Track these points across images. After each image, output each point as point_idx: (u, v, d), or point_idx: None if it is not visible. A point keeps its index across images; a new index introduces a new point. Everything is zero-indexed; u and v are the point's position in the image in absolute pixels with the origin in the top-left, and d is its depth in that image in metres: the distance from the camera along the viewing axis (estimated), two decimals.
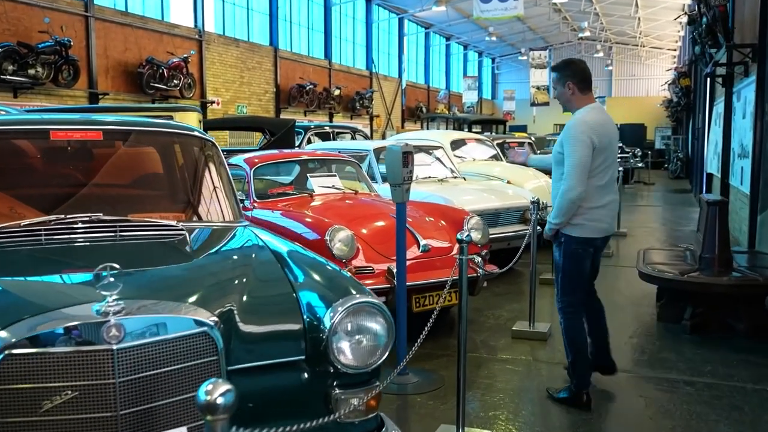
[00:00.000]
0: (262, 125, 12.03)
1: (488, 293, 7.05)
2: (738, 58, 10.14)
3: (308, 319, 2.36)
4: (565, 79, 4.01)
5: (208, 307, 2.22)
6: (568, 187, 3.82)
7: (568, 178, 3.82)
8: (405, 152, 4.37)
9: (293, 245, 3.14)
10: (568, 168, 3.83)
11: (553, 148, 4.11)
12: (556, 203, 3.94)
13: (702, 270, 5.74)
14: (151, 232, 2.87)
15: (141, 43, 17.66)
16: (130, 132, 3.50)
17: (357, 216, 5.84)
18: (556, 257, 4.10)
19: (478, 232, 5.98)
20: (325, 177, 6.71)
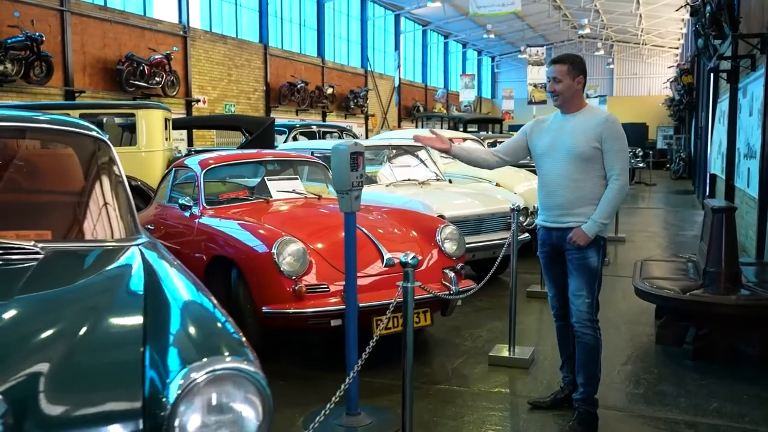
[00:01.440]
0: (238, 124, 11.35)
1: (468, 308, 6.36)
2: (744, 51, 9.43)
3: (151, 389, 1.67)
4: (577, 73, 3.74)
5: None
6: (624, 183, 3.66)
7: (623, 175, 3.66)
8: (354, 153, 3.68)
9: (190, 279, 2.43)
10: (621, 164, 3.65)
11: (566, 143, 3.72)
12: (609, 201, 3.66)
13: (706, 286, 5.04)
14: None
15: (121, 39, 16.98)
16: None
17: (314, 226, 5.15)
18: (593, 264, 3.72)
19: (452, 243, 5.29)
20: (285, 180, 6.02)
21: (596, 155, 3.65)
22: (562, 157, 3.73)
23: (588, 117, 3.73)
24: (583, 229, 3.67)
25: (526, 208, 7.62)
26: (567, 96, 3.74)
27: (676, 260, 6.18)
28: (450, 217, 6.80)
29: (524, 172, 9.94)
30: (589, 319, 3.73)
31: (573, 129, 3.71)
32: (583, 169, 3.67)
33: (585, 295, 3.72)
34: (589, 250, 3.70)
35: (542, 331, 5.72)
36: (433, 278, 4.98)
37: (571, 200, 3.71)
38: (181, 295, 2.22)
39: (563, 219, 3.76)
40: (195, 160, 6.19)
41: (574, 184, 3.69)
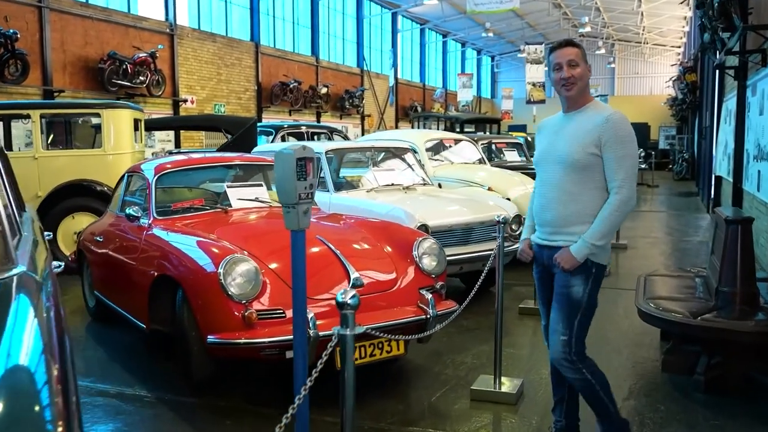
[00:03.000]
0: (217, 124, 10.76)
1: (452, 328, 5.72)
2: (754, 45, 8.81)
3: None
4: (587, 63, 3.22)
5: None
6: (627, 197, 3.06)
7: (627, 187, 3.05)
8: (301, 159, 3.06)
9: (45, 335, 1.80)
10: (625, 173, 3.05)
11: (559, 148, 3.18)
12: (604, 220, 3.08)
13: (719, 309, 4.43)
14: None
15: (103, 37, 16.38)
16: None
17: (275, 241, 4.53)
18: (576, 294, 3.14)
19: (431, 259, 4.68)
20: (248, 188, 5.41)
21: (594, 163, 3.10)
22: (555, 165, 3.19)
23: (587, 117, 3.16)
24: (571, 250, 3.11)
25: (519, 216, 7.00)
26: (582, 85, 3.17)
27: (683, 275, 5.56)
28: (434, 226, 6.21)
29: (519, 175, 9.33)
30: (566, 359, 3.16)
31: (569, 132, 3.18)
32: (579, 180, 3.13)
33: (561, 330, 3.16)
34: (574, 277, 3.14)
35: (534, 357, 5.10)
36: (409, 300, 4.38)
37: (564, 216, 3.16)
38: (16, 353, 1.61)
39: (554, 237, 3.23)
40: (150, 164, 5.59)
41: (568, 197, 3.15)
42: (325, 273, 4.29)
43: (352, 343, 2.11)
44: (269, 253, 4.29)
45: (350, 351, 2.10)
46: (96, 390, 4.44)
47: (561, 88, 3.18)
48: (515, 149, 11.90)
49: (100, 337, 5.72)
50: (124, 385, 4.52)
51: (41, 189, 8.22)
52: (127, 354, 5.22)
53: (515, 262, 7.31)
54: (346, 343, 2.09)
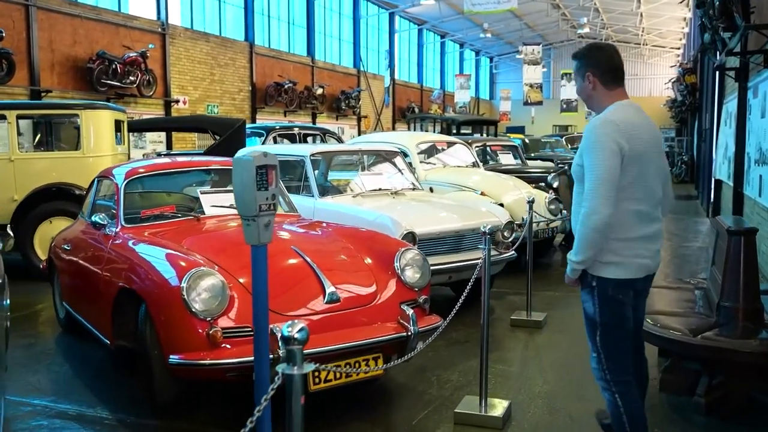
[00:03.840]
0: (204, 125, 10.46)
1: (441, 342, 5.44)
2: (755, 46, 8.54)
3: None
4: (585, 68, 3.09)
5: None
6: (591, 209, 2.89)
7: (590, 198, 2.89)
8: (262, 166, 2.78)
9: None
10: (589, 184, 2.90)
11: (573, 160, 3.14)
12: (577, 234, 2.97)
13: (721, 326, 4.14)
14: None
15: (93, 36, 16.09)
16: None
17: (246, 251, 4.22)
18: (588, 310, 3.05)
19: (414, 271, 4.40)
20: (223, 194, 5.11)
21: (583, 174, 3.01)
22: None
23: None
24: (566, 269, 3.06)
25: (511, 222, 6.71)
26: (583, 99, 3.19)
27: (682, 287, 5.27)
28: (422, 233, 5.93)
29: (513, 179, 9.06)
30: (599, 377, 3.08)
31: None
32: (579, 191, 3.06)
33: (592, 348, 3.09)
34: (583, 293, 3.08)
35: (525, 374, 4.81)
36: (389, 315, 4.10)
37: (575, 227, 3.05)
38: None
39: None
40: (122, 168, 5.30)
41: (576, 208, 3.07)
42: (299, 287, 4.01)
43: (300, 384, 1.82)
44: (240, 266, 4.00)
45: (297, 393, 1.81)
46: (55, 411, 4.15)
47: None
48: (510, 152, 11.60)
49: (68, 351, 5.43)
50: (85, 405, 4.23)
51: (17, 192, 7.94)
52: (93, 370, 4.93)
53: (510, 270, 7.08)
54: (293, 384, 1.80)
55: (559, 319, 6.22)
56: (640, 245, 2.99)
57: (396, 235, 5.75)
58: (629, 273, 2.98)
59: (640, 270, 3.01)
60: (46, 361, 5.14)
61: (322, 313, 3.90)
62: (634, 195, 2.96)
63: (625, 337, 3.04)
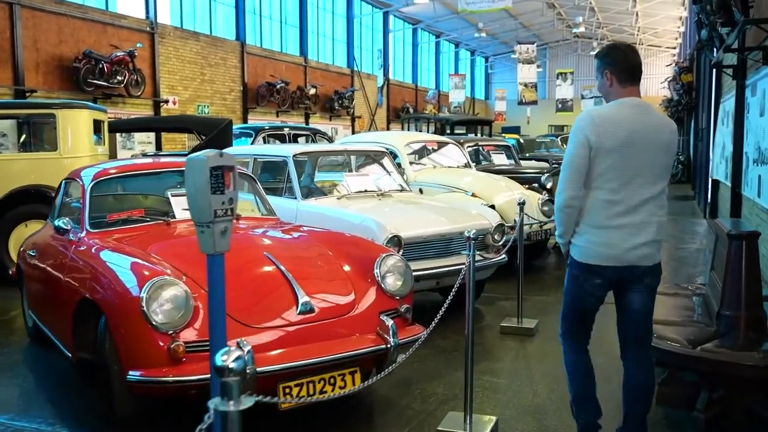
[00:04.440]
0: (189, 125, 10.18)
1: (427, 349, 5.19)
2: (754, 42, 8.31)
3: None
4: (604, 67, 3.31)
5: None
6: (558, 190, 3.28)
7: (559, 181, 3.27)
8: (217, 168, 2.52)
9: None
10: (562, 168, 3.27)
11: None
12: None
13: (722, 336, 3.89)
14: None
15: (79, 35, 15.80)
16: None
17: None
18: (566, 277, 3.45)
19: (396, 278, 4.14)
20: None
21: None
22: None
23: None
24: None
25: (502, 225, 6.45)
26: (603, 95, 3.42)
27: (680, 293, 5.02)
28: (408, 237, 5.67)
29: (506, 180, 8.80)
30: (559, 332, 3.56)
31: None
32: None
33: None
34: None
35: (514, 387, 4.55)
36: (367, 326, 3.84)
37: None
38: None
39: None
40: (91, 170, 5.03)
41: None
42: (271, 297, 3.75)
43: (237, 421, 1.55)
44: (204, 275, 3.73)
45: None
46: (11, 429, 3.88)
47: None
48: (503, 152, 11.34)
49: (33, 362, 5.16)
50: (44, 422, 3.96)
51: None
52: (56, 384, 4.65)
53: (502, 273, 6.81)
54: (228, 422, 1.54)
55: (552, 325, 5.94)
56: (608, 234, 3.17)
57: (380, 239, 5.50)
58: (590, 258, 3.22)
59: (603, 258, 3.19)
60: (8, 373, 4.87)
61: (294, 325, 3.64)
62: (606, 185, 3.15)
63: (576, 312, 3.40)
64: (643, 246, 3.19)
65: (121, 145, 16.81)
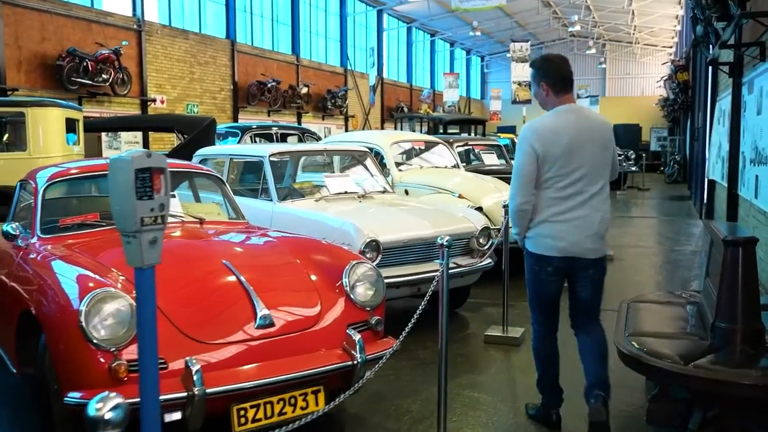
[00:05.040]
0: (170, 124, 9.88)
1: (404, 361, 4.91)
2: (751, 38, 8.03)
3: None
4: (540, 78, 3.63)
5: None
6: (510, 196, 3.65)
7: (510, 188, 3.63)
8: (144, 169, 2.22)
9: None
10: (513, 175, 3.61)
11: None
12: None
13: (717, 351, 3.60)
14: None
15: (63, 32, 15.47)
16: None
17: (171, 267, 3.68)
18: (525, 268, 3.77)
19: (366, 288, 3.85)
20: None
21: None
22: None
23: None
24: None
25: (488, 228, 6.15)
26: (539, 102, 3.68)
27: (673, 301, 4.73)
28: (387, 242, 5.38)
29: (495, 181, 8.50)
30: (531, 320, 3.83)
31: None
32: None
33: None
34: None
35: (496, 404, 4.25)
36: (333, 340, 3.54)
37: None
38: None
39: None
40: (47, 171, 4.73)
41: None
42: (228, 311, 3.45)
43: None
44: (161, 285, 3.41)
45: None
46: None
47: None
48: (494, 152, 11.05)
49: None
50: None
51: None
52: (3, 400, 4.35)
53: (490, 277, 6.47)
54: None
55: None
56: (556, 228, 3.50)
57: (358, 244, 5.22)
58: (541, 249, 3.55)
59: (552, 249, 3.52)
60: None
61: (252, 341, 3.34)
62: (554, 185, 3.50)
63: (538, 302, 3.70)
64: (587, 239, 3.53)
65: (107, 144, 16.49)
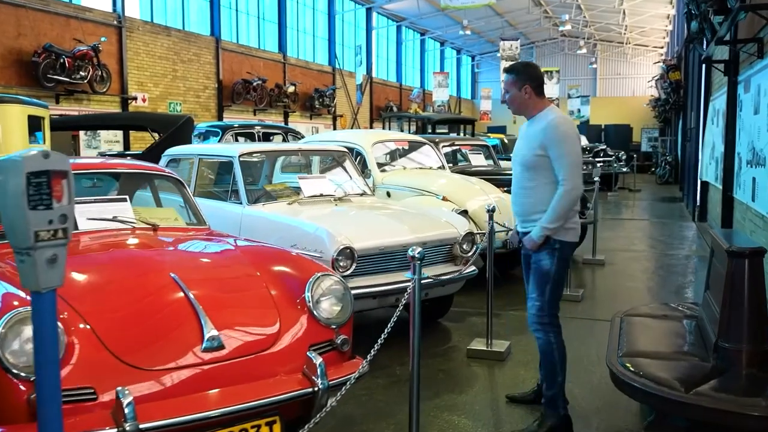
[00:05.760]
0: (142, 123, 9.45)
1: (381, 381, 4.53)
2: (748, 34, 7.70)
3: None
4: (523, 82, 3.77)
5: None
6: (573, 186, 3.63)
7: (571, 178, 3.62)
8: (39, 173, 1.83)
9: None
10: (568, 167, 3.62)
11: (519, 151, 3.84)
12: (553, 208, 3.64)
13: (720, 375, 3.24)
14: None
15: (40, 27, 15.01)
16: None
17: (110, 282, 3.30)
18: (545, 267, 3.73)
19: (332, 303, 3.46)
20: (106, 203, 4.15)
21: (542, 163, 3.66)
22: (516, 166, 3.84)
23: (536, 124, 3.74)
24: (531, 235, 3.70)
25: (471, 233, 5.77)
26: (515, 105, 3.81)
27: (669, 315, 4.37)
28: (362, 249, 5.00)
29: (481, 183, 8.12)
30: (538, 321, 3.75)
31: (525, 137, 3.81)
32: (532, 177, 3.72)
33: (535, 297, 3.76)
34: (540, 253, 3.72)
35: (478, 428, 3.88)
36: (292, 364, 3.15)
37: (526, 207, 3.79)
38: None
39: (523, 224, 3.85)
40: None
41: (526, 192, 3.78)
42: (172, 332, 3.05)
43: None
44: (96, 302, 3.05)
45: None
46: None
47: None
48: (482, 153, 10.68)
49: None
50: None
51: None
52: None
53: (475, 283, 6.05)
54: None
55: (526, 346, 5.31)
56: (575, 216, 3.77)
57: (331, 251, 4.84)
58: (575, 237, 3.78)
59: (576, 235, 3.80)
60: None
61: (198, 366, 2.94)
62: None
63: (560, 291, 3.83)
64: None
65: (86, 144, 16.05)
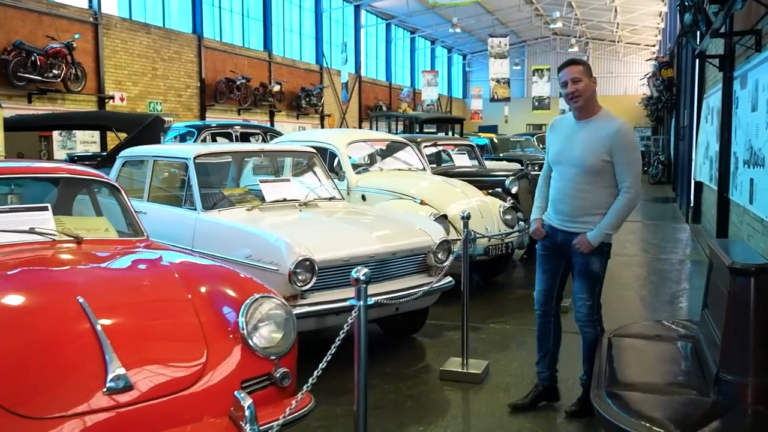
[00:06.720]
0: (106, 122, 8.94)
1: (342, 406, 4.03)
2: (744, 26, 7.26)
3: None
4: (591, 74, 3.71)
5: None
6: (635, 195, 3.68)
7: (635, 186, 3.67)
8: None
9: None
10: (633, 175, 3.66)
11: (574, 153, 3.70)
12: (617, 213, 3.66)
13: (722, 414, 2.77)
14: None
15: (11, 24, 14.45)
16: None
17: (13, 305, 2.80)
18: (595, 269, 3.75)
19: (272, 330, 2.99)
20: (22, 212, 3.65)
21: (606, 168, 3.63)
22: (571, 167, 3.72)
23: (599, 126, 3.66)
24: (588, 238, 3.66)
25: (447, 242, 5.26)
26: (588, 96, 3.68)
27: (663, 336, 3.90)
28: (323, 260, 4.51)
29: (463, 185, 7.61)
30: (589, 319, 3.80)
31: (584, 140, 3.68)
32: (592, 181, 3.67)
33: (586, 297, 3.78)
34: (592, 256, 3.71)
35: None
36: (219, 405, 2.66)
37: (578, 208, 3.72)
38: None
39: (569, 224, 3.76)
40: None
41: (582, 194, 3.70)
42: (74, 373, 2.55)
43: None
44: None
45: None
46: None
47: (570, 101, 3.69)
48: (466, 153, 10.19)
49: None
50: None
51: None
52: None
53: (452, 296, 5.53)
54: None
55: (506, 366, 4.84)
56: None
57: (288, 263, 4.34)
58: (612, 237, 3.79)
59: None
60: None
61: (100, 412, 2.44)
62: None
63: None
64: None
65: (60, 145, 15.49)
